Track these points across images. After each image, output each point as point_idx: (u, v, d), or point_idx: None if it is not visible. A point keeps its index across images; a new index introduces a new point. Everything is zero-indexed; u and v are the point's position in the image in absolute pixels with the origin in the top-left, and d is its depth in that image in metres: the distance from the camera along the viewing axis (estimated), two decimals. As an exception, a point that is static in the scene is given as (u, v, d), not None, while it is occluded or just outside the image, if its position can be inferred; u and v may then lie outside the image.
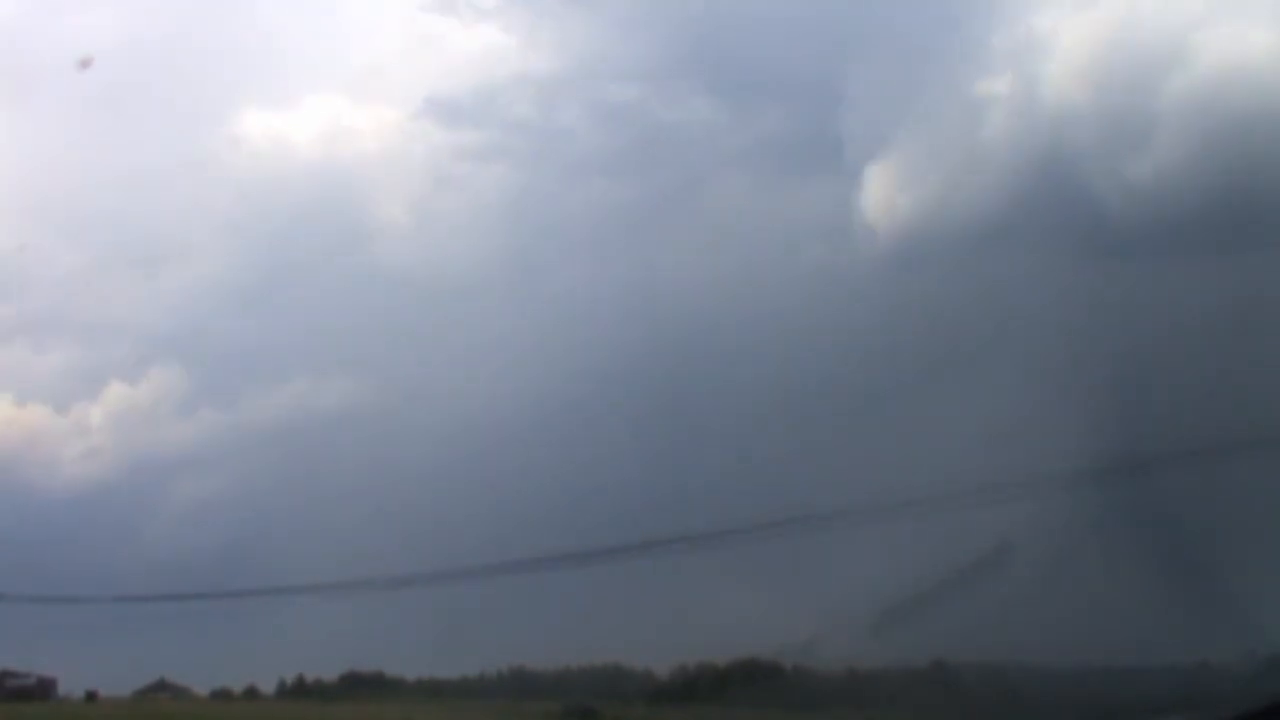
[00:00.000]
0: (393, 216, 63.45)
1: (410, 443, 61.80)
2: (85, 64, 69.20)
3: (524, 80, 61.50)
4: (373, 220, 63.53)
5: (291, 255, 65.30)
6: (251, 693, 60.46)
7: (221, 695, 60.27)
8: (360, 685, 58.68)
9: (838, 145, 51.49)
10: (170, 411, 69.10)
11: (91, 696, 58.79)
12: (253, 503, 67.56)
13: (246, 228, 66.39)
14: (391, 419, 63.31)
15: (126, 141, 70.05)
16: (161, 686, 62.31)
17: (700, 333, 50.17)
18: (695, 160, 55.94)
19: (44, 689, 60.77)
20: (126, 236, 69.02)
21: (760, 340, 46.56)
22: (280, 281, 65.75)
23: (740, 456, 48.30)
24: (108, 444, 67.83)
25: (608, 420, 54.41)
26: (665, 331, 50.00)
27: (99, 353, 69.79)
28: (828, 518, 43.85)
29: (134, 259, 66.77)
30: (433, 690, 57.95)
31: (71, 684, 60.05)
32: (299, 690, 60.17)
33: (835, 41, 50.59)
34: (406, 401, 62.44)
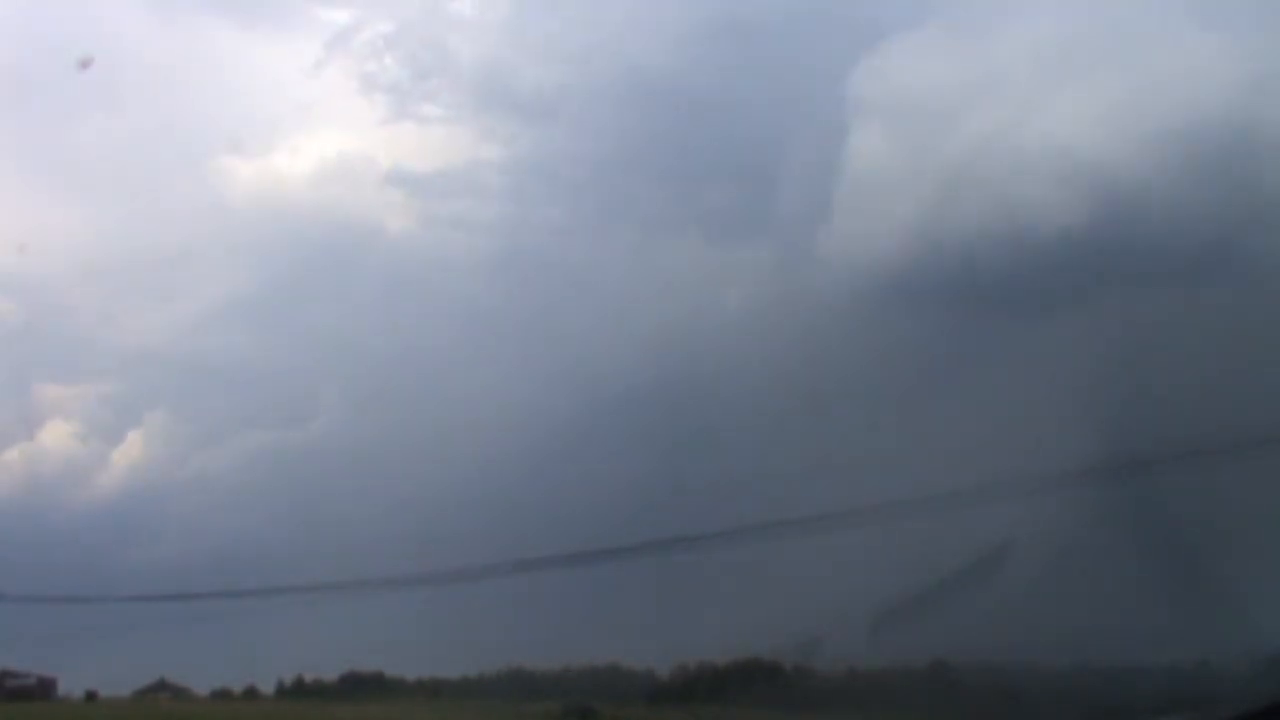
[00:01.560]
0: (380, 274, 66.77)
1: (414, 452, 63.79)
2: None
3: (480, 164, 67.14)
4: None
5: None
6: (251, 693, 60.44)
7: (221, 695, 60.23)
8: (360, 685, 58.62)
9: (756, 221, 58.49)
10: (193, 429, 69.96)
11: (91, 696, 58.82)
12: (257, 506, 67.98)
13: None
14: (398, 432, 65.16)
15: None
16: (161, 686, 62.30)
17: (671, 356, 55.91)
18: (639, 229, 62.10)
19: (44, 689, 60.76)
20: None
21: (717, 360, 53.04)
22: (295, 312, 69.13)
23: (733, 459, 52.29)
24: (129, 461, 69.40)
25: (604, 428, 58.23)
26: (639, 357, 56.21)
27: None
28: (827, 518, 43.94)
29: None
30: (433, 690, 57.90)
31: (71, 684, 60.20)
32: (299, 690, 60.16)
33: (754, 137, 57.12)
34: (412, 415, 65.02)
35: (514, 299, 64.04)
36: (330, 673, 60.21)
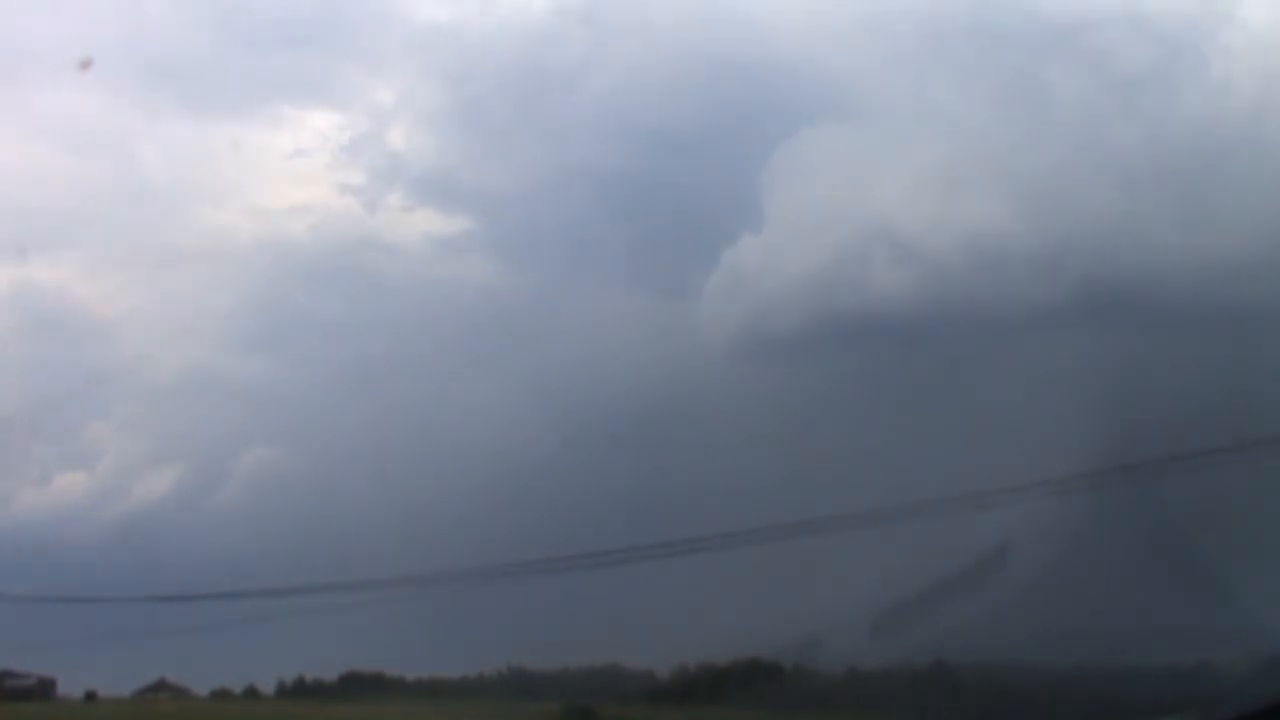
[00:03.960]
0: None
1: (413, 461, 66.23)
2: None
3: (447, 237, 74.45)
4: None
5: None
6: (251, 693, 60.43)
7: (221, 695, 60.21)
8: (360, 685, 58.64)
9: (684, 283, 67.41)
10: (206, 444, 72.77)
11: (91, 696, 58.82)
12: (258, 507, 68.86)
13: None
14: (398, 444, 67.35)
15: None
16: (161, 687, 62.31)
17: (627, 381, 61.84)
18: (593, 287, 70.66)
19: (44, 689, 60.74)
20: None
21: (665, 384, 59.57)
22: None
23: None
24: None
25: (581, 439, 61.78)
26: (602, 380, 62.93)
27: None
28: (828, 520, 44.04)
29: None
30: (432, 690, 57.94)
31: (71, 684, 60.22)
32: (299, 690, 60.16)
33: (681, 218, 65.60)
34: (409, 429, 68.06)
35: (492, 337, 70.38)
36: (330, 673, 60.37)
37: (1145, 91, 60.94)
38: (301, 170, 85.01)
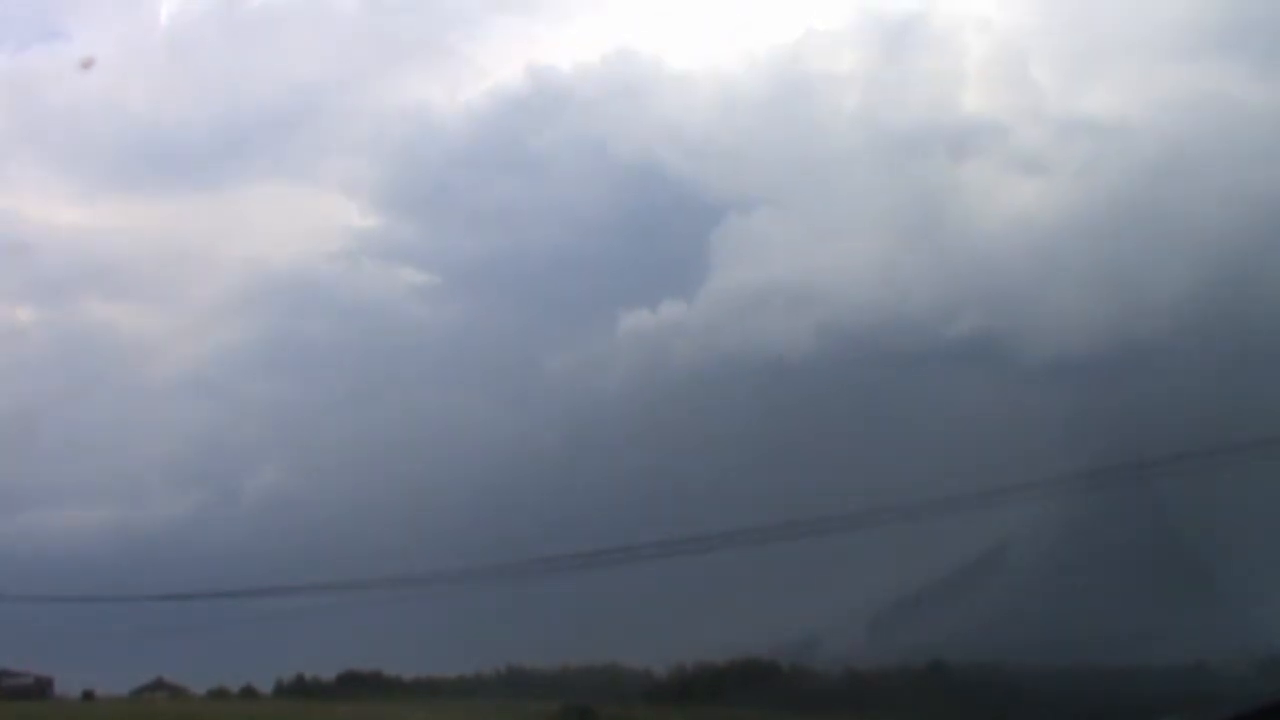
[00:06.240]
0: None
1: (412, 465, 68.65)
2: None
3: (426, 286, 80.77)
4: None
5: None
6: (249, 692, 60.34)
7: (219, 695, 60.12)
8: (358, 685, 58.55)
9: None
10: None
11: (89, 695, 58.74)
12: (257, 508, 69.54)
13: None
14: (398, 449, 70.59)
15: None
16: (159, 686, 62.25)
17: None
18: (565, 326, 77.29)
19: (41, 688, 60.69)
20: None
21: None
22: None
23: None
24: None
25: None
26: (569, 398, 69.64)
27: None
28: (827, 520, 44.04)
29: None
30: (430, 690, 57.86)
31: (69, 683, 60.18)
32: (297, 690, 60.08)
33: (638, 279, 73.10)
34: (408, 439, 71.58)
35: (478, 366, 75.66)
36: (328, 672, 60.33)
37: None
38: (288, 236, 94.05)
